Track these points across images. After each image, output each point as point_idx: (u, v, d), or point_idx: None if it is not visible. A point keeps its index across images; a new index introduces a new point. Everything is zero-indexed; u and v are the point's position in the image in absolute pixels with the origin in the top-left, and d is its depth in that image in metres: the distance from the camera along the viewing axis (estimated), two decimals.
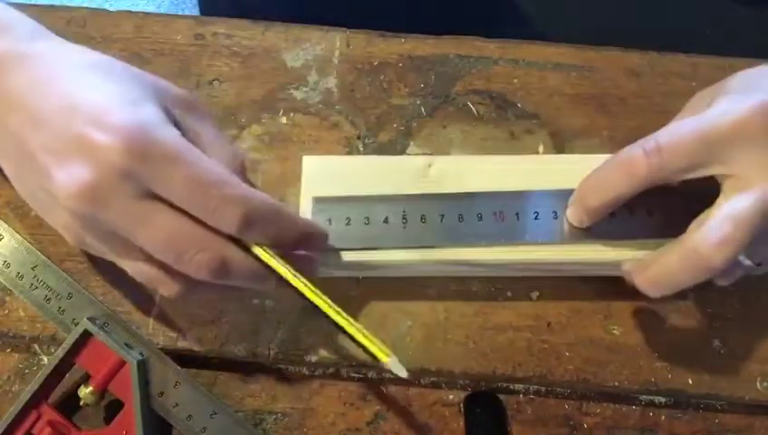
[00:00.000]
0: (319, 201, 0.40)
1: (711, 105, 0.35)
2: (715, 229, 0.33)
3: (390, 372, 0.34)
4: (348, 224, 0.39)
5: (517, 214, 0.39)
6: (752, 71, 0.36)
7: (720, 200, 0.34)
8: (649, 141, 0.34)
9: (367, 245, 0.39)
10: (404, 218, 0.39)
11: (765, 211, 0.33)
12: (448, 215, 0.39)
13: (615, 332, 0.41)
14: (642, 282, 0.36)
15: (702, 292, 0.39)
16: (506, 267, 0.40)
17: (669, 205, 0.38)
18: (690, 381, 0.40)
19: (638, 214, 0.38)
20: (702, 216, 0.35)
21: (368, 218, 0.39)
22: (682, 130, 0.34)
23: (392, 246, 0.39)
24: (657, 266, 0.35)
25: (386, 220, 0.39)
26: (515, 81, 0.47)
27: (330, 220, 0.39)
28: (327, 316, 0.34)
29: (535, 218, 0.39)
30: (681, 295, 0.38)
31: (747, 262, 0.35)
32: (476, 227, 0.39)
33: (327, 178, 0.40)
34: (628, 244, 0.38)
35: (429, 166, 0.41)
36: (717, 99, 0.35)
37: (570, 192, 0.39)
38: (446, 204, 0.39)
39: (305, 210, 0.40)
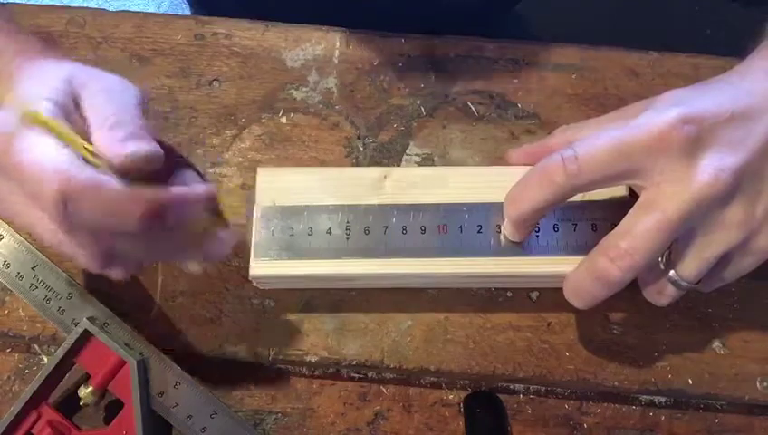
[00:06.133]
0: (264, 211, 0.39)
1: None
2: (611, 243, 0.33)
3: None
4: (291, 235, 0.39)
5: (461, 227, 0.39)
6: (684, 89, 0.35)
7: (628, 214, 0.34)
8: (568, 150, 0.34)
9: (310, 256, 0.38)
10: (347, 230, 0.39)
11: (664, 229, 0.32)
12: (392, 227, 0.39)
13: (615, 332, 0.41)
14: (566, 294, 0.36)
15: (701, 292, 0.39)
16: (450, 279, 0.40)
17: (615, 219, 0.37)
18: (690, 381, 0.40)
19: (582, 228, 0.38)
20: (617, 228, 0.34)
21: (311, 229, 0.39)
22: (600, 140, 0.33)
23: (335, 257, 0.38)
24: (573, 278, 0.36)
25: (329, 231, 0.39)
26: (515, 81, 0.47)
27: (273, 231, 0.39)
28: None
29: (478, 232, 0.38)
30: (683, 296, 0.38)
31: (684, 283, 0.35)
32: (419, 239, 0.38)
33: (281, 189, 0.40)
34: (567, 259, 0.38)
35: (384, 177, 0.40)
36: (644, 112, 0.34)
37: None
38: (390, 216, 0.39)
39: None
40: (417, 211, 0.39)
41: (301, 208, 0.39)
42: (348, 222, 0.39)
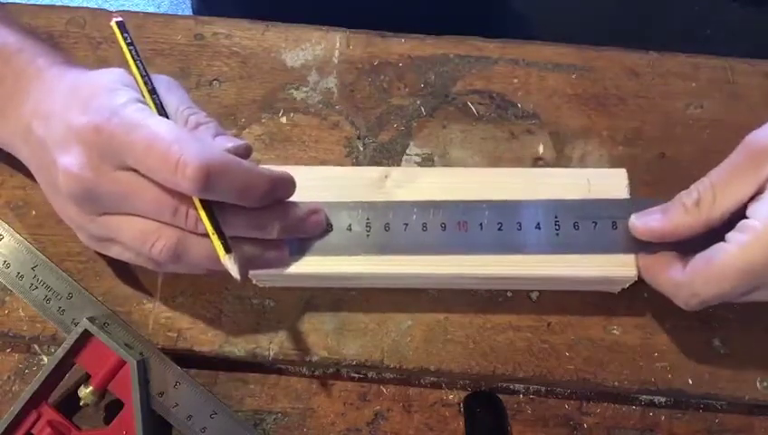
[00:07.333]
0: None
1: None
2: None
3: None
4: None
5: (481, 224, 0.38)
6: None
7: None
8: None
9: (330, 252, 0.38)
10: (367, 226, 0.38)
11: None
12: (412, 223, 0.38)
13: (615, 332, 0.41)
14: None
15: None
16: (463, 280, 0.40)
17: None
18: (690, 382, 0.40)
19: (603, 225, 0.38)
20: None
21: (331, 226, 0.38)
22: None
23: (355, 254, 0.38)
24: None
25: (349, 228, 0.38)
26: (515, 81, 0.47)
27: None
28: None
29: (499, 229, 0.38)
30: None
31: None
32: (440, 236, 0.38)
33: None
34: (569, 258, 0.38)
35: (386, 177, 0.40)
36: None
37: (525, 204, 0.39)
38: (410, 212, 0.39)
39: None
40: (436, 208, 0.39)
41: (320, 205, 0.39)
42: (368, 219, 0.38)
